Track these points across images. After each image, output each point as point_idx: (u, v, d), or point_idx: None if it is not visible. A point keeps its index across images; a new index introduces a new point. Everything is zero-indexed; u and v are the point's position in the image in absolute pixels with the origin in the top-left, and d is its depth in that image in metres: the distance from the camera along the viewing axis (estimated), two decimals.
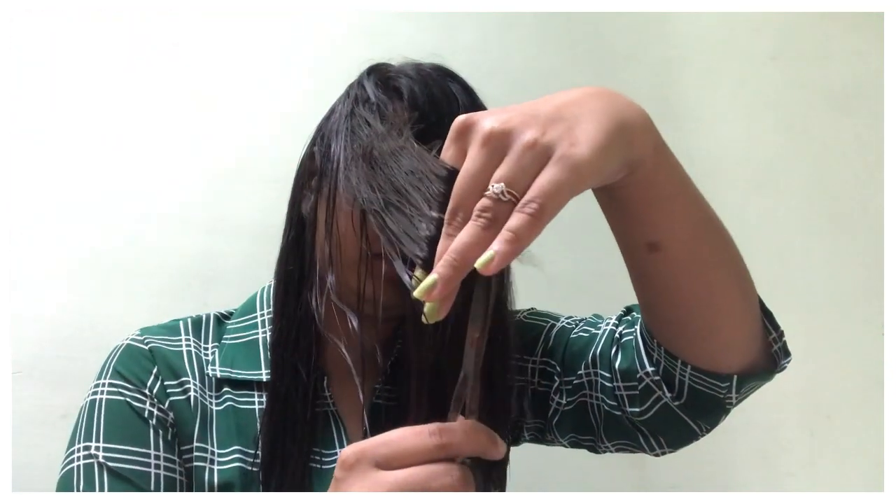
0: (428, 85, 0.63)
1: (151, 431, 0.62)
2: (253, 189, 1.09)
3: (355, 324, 0.59)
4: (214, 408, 0.66)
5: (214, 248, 1.06)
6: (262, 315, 0.71)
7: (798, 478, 1.22)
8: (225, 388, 0.66)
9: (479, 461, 0.44)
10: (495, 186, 0.41)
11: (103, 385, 0.65)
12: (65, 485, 0.61)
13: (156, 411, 0.63)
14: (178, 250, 1.05)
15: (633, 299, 0.68)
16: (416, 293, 0.42)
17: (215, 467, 0.63)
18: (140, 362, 0.66)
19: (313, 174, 0.67)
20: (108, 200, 1.03)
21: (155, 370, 0.65)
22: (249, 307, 0.72)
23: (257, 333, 0.69)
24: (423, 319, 0.42)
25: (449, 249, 0.42)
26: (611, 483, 1.13)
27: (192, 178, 1.07)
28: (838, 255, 1.31)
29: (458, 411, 0.45)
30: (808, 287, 1.27)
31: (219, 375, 0.66)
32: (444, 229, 0.43)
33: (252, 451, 0.63)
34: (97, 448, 0.61)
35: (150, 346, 0.67)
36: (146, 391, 0.64)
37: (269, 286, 0.73)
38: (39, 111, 1.03)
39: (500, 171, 0.42)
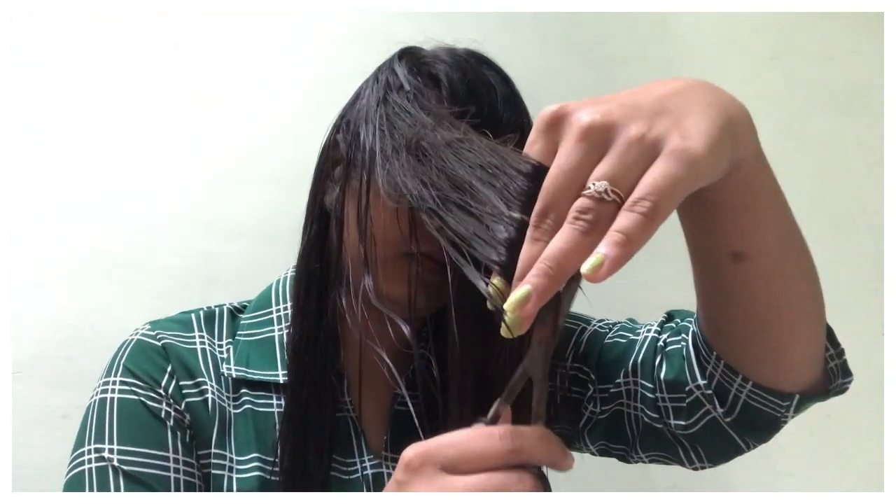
0: (466, 72, 0.59)
1: (169, 433, 0.59)
2: (253, 189, 1.09)
3: (406, 331, 0.54)
4: (233, 411, 0.62)
5: (214, 248, 1.06)
6: (278, 311, 0.67)
7: (798, 478, 1.22)
8: (243, 390, 0.63)
9: (541, 471, 0.41)
10: (598, 184, 0.37)
11: (113, 383, 0.61)
12: (74, 488, 0.57)
13: (172, 412, 0.60)
14: (178, 250, 1.05)
15: (634, 298, 0.67)
16: (506, 306, 0.37)
17: (234, 476, 0.60)
18: (153, 359, 0.62)
19: (337, 163, 0.63)
20: (108, 200, 1.03)
21: (169, 368, 0.62)
22: (264, 301, 0.69)
23: (273, 331, 0.66)
24: (504, 333, 0.38)
25: (543, 256, 0.37)
26: (611, 483, 1.13)
27: (192, 178, 1.07)
28: (838, 255, 1.31)
29: (509, 404, 0.42)
30: None
31: (234, 375, 0.63)
32: (529, 233, 0.39)
33: (271, 460, 0.60)
34: (111, 451, 0.57)
35: (162, 342, 0.63)
36: (160, 391, 0.60)
37: (285, 279, 0.70)
38: (39, 111, 1.02)
39: (603, 168, 0.37)
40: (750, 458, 0.64)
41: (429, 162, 0.48)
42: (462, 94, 0.58)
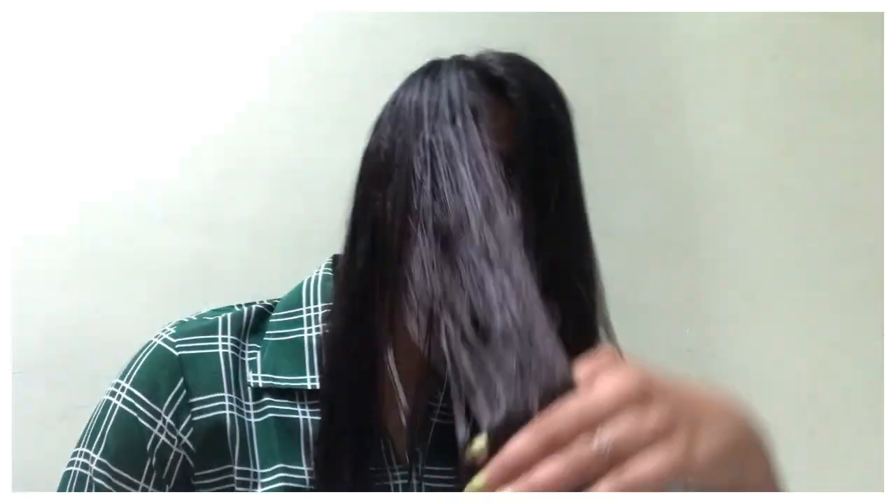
0: (535, 105, 0.59)
1: (148, 464, 0.58)
2: (253, 189, 1.09)
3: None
4: (254, 420, 0.60)
5: (214, 248, 1.06)
6: (308, 311, 0.65)
7: (798, 478, 1.22)
8: (265, 398, 0.61)
9: None
10: (604, 440, 0.40)
11: (122, 389, 0.60)
12: (62, 486, 0.60)
13: (163, 438, 0.59)
14: (178, 250, 1.05)
15: (630, 298, 0.67)
16: (469, 485, 0.39)
17: (259, 491, 0.58)
18: (165, 372, 0.60)
19: (387, 178, 0.59)
20: (107, 200, 1.03)
21: (180, 383, 0.60)
22: (294, 300, 0.66)
23: (302, 332, 0.64)
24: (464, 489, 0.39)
25: (531, 480, 0.39)
26: None
27: (192, 178, 1.07)
28: (838, 255, 1.31)
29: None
30: (809, 287, 1.27)
31: (261, 385, 0.61)
32: (530, 432, 0.40)
33: (297, 469, 0.58)
34: (93, 461, 0.59)
35: (181, 353, 0.61)
36: (161, 411, 0.59)
37: (317, 278, 0.67)
38: (39, 111, 1.03)
39: (616, 432, 0.40)
40: None
41: (457, 278, 0.47)
42: (527, 129, 0.58)
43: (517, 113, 0.59)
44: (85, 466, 0.59)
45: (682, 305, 1.20)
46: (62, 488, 0.60)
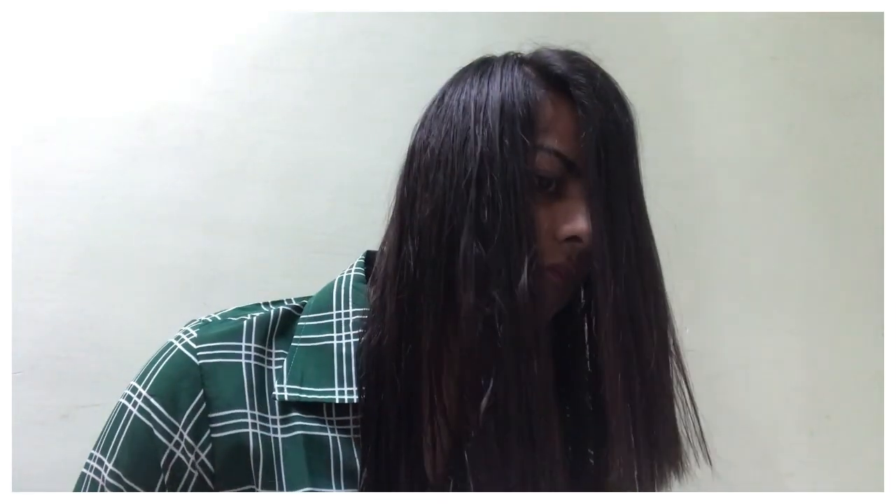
0: (601, 105, 0.56)
1: (161, 480, 0.55)
2: (253, 189, 1.09)
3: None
4: (281, 436, 0.56)
5: (214, 248, 1.06)
6: (339, 316, 0.61)
7: (798, 478, 1.22)
8: (293, 413, 0.57)
9: None
10: None
11: (139, 395, 0.57)
12: (77, 487, 0.58)
13: (179, 454, 0.55)
14: (178, 250, 1.05)
15: None
16: None
17: None
18: (185, 383, 0.56)
19: (434, 181, 0.57)
20: (108, 200, 1.03)
21: (200, 395, 0.56)
22: (324, 302, 0.62)
23: (332, 338, 0.59)
24: None
25: None
26: None
27: (192, 178, 1.07)
28: (838, 255, 1.31)
29: None
30: (808, 287, 1.27)
31: (287, 398, 0.57)
32: None
33: (326, 493, 0.55)
34: (106, 469, 0.56)
35: (202, 362, 0.57)
36: (179, 425, 0.55)
37: (348, 278, 0.63)
38: (40, 110, 1.03)
39: None
40: (750, 457, 0.64)
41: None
42: (595, 143, 0.56)
43: (582, 112, 0.56)
44: (97, 473, 0.57)
45: (682, 305, 1.20)
46: (77, 490, 0.58)
